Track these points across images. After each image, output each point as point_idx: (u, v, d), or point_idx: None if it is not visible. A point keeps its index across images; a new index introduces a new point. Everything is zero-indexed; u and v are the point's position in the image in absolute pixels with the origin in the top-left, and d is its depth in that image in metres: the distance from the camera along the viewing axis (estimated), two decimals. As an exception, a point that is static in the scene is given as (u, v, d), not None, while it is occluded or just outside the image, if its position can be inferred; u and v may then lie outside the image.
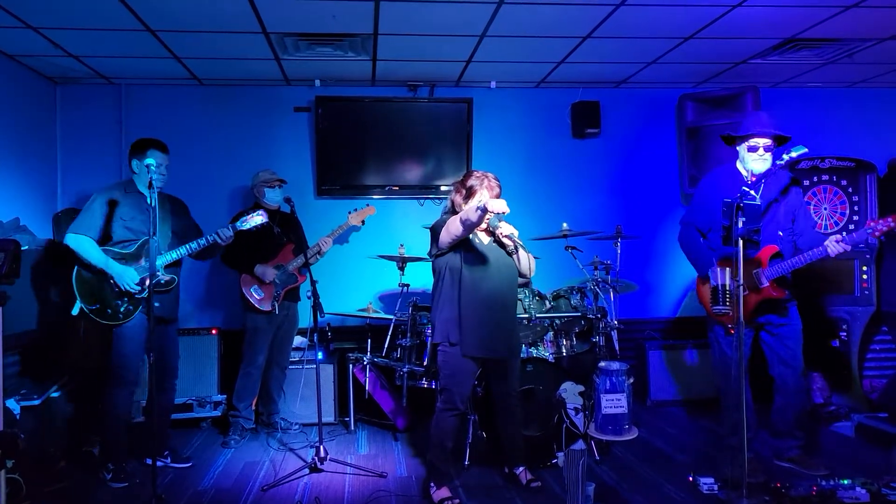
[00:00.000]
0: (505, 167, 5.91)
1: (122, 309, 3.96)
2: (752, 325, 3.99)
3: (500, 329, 3.70)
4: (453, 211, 3.75)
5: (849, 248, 3.70)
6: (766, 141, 3.89)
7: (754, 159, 3.91)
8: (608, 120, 5.98)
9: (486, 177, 3.67)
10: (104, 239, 4.00)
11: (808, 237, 3.96)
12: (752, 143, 3.91)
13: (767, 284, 3.86)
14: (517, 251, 3.74)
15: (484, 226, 3.67)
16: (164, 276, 4.07)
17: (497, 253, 3.75)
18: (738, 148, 4.01)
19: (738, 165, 4.03)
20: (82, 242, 3.93)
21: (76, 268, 3.97)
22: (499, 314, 3.69)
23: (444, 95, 5.83)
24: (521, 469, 3.93)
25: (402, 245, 5.13)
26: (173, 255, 4.08)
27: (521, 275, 3.87)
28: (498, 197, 3.62)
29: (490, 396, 3.98)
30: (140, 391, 4.48)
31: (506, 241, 3.67)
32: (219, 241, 4.12)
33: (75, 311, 3.95)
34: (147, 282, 3.89)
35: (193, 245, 4.09)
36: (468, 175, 3.73)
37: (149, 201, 4.01)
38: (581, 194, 6.04)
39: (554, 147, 6.02)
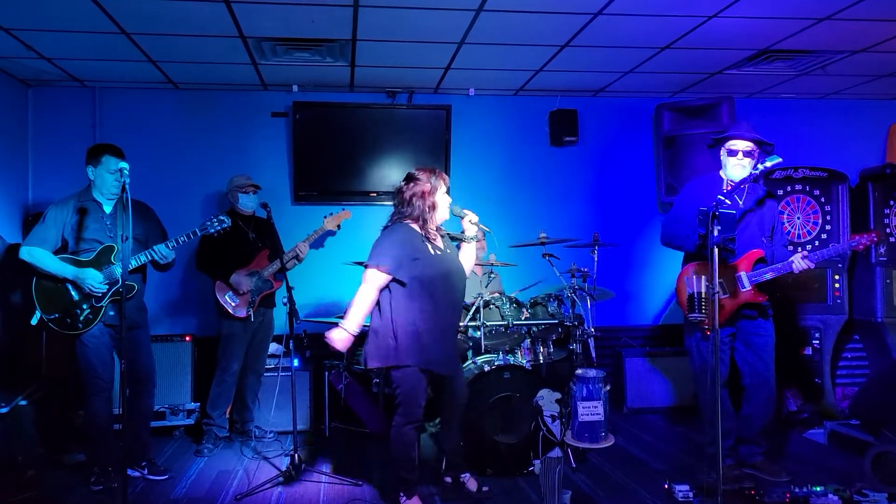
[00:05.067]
0: (483, 174, 5.95)
1: (81, 318, 3.89)
2: (732, 327, 4.00)
3: (454, 346, 3.76)
4: (399, 214, 3.60)
5: (812, 265, 3.84)
6: (746, 145, 3.91)
7: (733, 164, 3.93)
8: (586, 128, 6.01)
9: (434, 172, 3.61)
10: (61, 250, 3.94)
11: (777, 255, 4.01)
12: (731, 147, 3.94)
13: (750, 288, 3.90)
14: (475, 240, 3.78)
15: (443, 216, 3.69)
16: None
17: (446, 262, 3.62)
18: (720, 156, 4.04)
19: (721, 173, 4.06)
20: (35, 253, 3.87)
21: (35, 277, 3.90)
22: (452, 331, 3.72)
23: (422, 102, 5.83)
24: (466, 475, 3.88)
25: (379, 252, 5.09)
26: (132, 263, 3.89)
27: None
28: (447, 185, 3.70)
29: (440, 402, 3.88)
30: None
31: (472, 227, 3.70)
32: (156, 258, 3.95)
33: (34, 321, 3.90)
34: (112, 287, 3.85)
35: (142, 257, 3.94)
36: (417, 178, 3.58)
37: (108, 209, 3.99)
38: (559, 202, 6.06)
39: (532, 155, 6.04)
